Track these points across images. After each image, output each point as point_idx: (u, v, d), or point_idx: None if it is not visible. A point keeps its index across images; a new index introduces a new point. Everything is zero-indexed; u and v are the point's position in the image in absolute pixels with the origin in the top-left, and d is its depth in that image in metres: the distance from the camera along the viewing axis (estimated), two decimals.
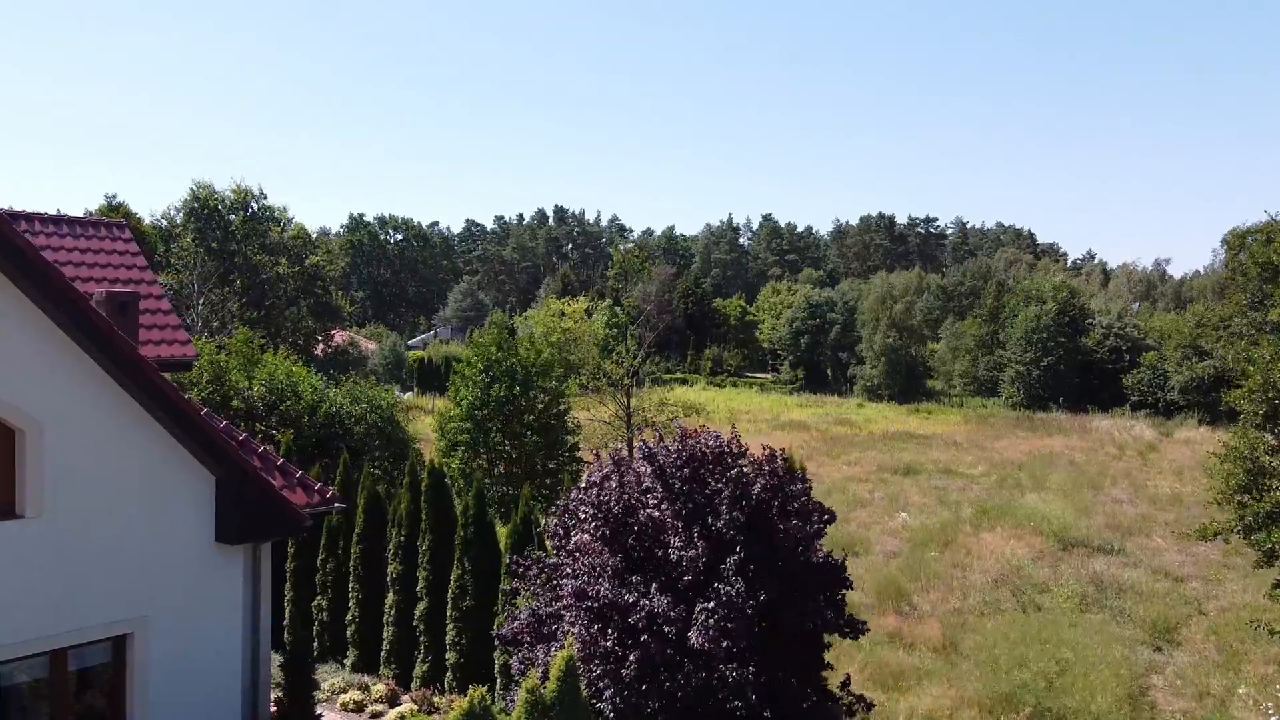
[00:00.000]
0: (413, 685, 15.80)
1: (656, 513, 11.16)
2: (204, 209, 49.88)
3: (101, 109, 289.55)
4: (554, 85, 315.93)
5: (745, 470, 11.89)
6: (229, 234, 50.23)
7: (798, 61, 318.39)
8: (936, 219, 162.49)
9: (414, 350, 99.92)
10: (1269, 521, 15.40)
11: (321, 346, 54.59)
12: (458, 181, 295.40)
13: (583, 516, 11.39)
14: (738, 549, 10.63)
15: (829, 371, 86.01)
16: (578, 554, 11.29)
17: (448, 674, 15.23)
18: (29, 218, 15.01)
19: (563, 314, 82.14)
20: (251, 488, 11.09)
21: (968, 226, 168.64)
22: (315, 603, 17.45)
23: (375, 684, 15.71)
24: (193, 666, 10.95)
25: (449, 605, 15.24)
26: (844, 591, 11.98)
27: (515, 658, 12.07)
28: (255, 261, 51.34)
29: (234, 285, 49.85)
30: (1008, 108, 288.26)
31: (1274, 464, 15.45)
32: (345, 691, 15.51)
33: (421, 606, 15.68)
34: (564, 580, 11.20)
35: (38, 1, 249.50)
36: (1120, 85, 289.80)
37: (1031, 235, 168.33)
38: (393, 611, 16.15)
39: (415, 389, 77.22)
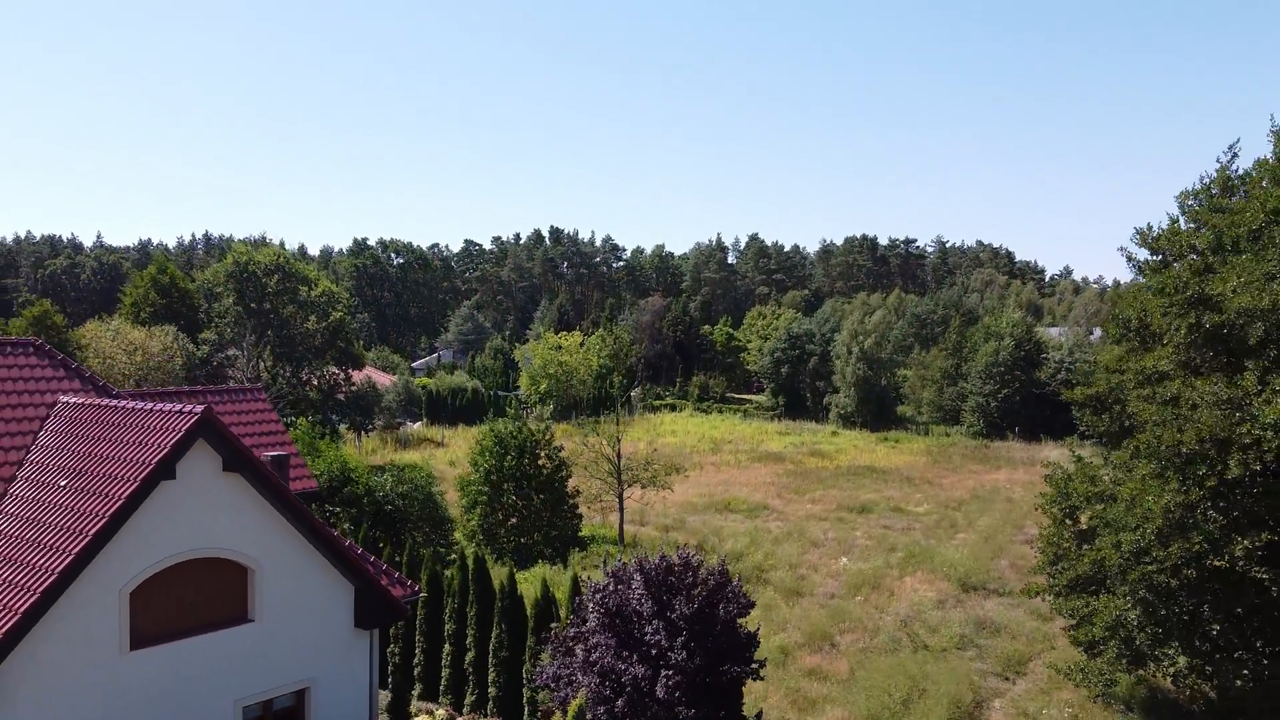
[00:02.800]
0: (464, 711, 22.18)
1: (640, 606, 17.51)
2: (244, 273, 56.09)
3: (116, 130, 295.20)
4: (551, 109, 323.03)
5: (700, 574, 18.25)
6: (264, 294, 56.47)
7: (786, 84, 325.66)
8: (916, 240, 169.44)
9: (419, 377, 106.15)
10: (1070, 590, 21.86)
11: (344, 390, 60.84)
12: (457, 203, 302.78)
13: (591, 608, 17.75)
14: (683, 632, 17.01)
15: (807, 398, 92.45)
16: (590, 634, 17.65)
17: (489, 704, 21.62)
18: (201, 392, 21.29)
19: (559, 347, 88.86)
20: (376, 593, 17.51)
21: (947, 246, 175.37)
22: (390, 649, 23.82)
23: (437, 709, 22.09)
24: (342, 706, 17.36)
25: (490, 655, 21.64)
26: (754, 651, 18.30)
27: (540, 694, 18.43)
28: (286, 314, 57.68)
29: (268, 340, 56.12)
30: (988, 129, 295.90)
31: (1072, 548, 21.89)
32: (417, 716, 21.89)
33: (470, 655, 22.08)
34: (578, 648, 17.55)
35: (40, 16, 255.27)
36: (1095, 104, 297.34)
37: (1009, 254, 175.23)
38: (449, 658, 22.54)
39: (424, 419, 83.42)
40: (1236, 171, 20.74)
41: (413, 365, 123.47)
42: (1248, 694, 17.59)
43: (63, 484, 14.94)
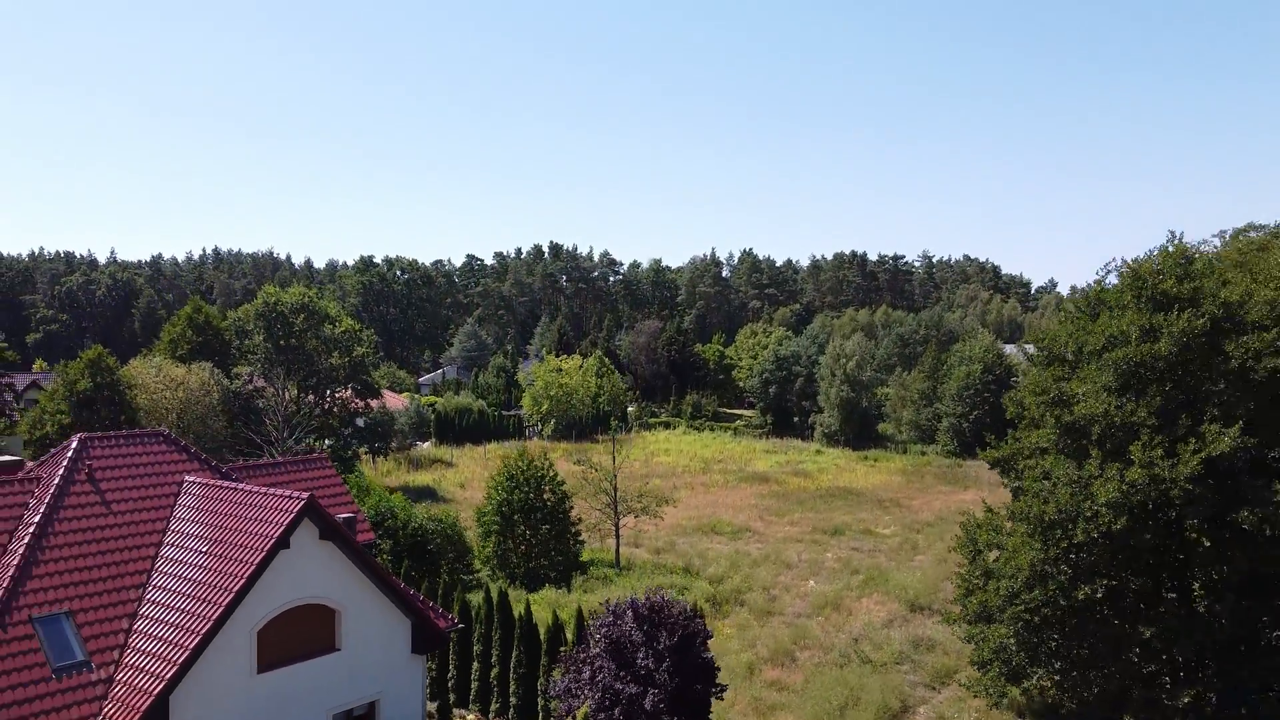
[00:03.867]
0: (490, 716, 27.46)
1: (633, 636, 22.74)
2: (272, 312, 61.29)
3: (128, 148, 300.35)
4: (552, 129, 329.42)
5: (675, 610, 23.48)
6: (292, 332, 61.67)
7: (781, 101, 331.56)
8: (904, 256, 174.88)
9: (425, 395, 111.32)
10: (976, 619, 27.09)
11: (363, 419, 66.06)
12: (460, 218, 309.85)
13: (596, 637, 22.99)
14: (666, 659, 22.26)
15: (794, 416, 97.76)
16: (594, 659, 22.90)
17: (511, 711, 26.91)
18: (281, 464, 26.49)
19: (560, 369, 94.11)
20: (427, 626, 22.80)
21: (934, 260, 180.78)
22: (427, 664, 29.08)
23: (469, 715, 27.37)
24: (402, 713, 22.64)
25: (511, 670, 26.91)
26: (717, 675, 23.56)
27: (552, 703, 23.65)
28: (311, 348, 62.89)
29: (296, 374, 61.35)
30: (975, 143, 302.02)
31: (979, 584, 27.12)
32: (451, 717, 27.16)
33: (495, 670, 27.36)
34: (585, 668, 22.78)
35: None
36: (1073, 116, 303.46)
37: (995, 269, 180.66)
38: (477, 673, 27.81)
39: (434, 439, 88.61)
40: (1111, 283, 26.09)
41: (419, 381, 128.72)
42: (1096, 702, 22.94)
43: (204, 551, 20.21)
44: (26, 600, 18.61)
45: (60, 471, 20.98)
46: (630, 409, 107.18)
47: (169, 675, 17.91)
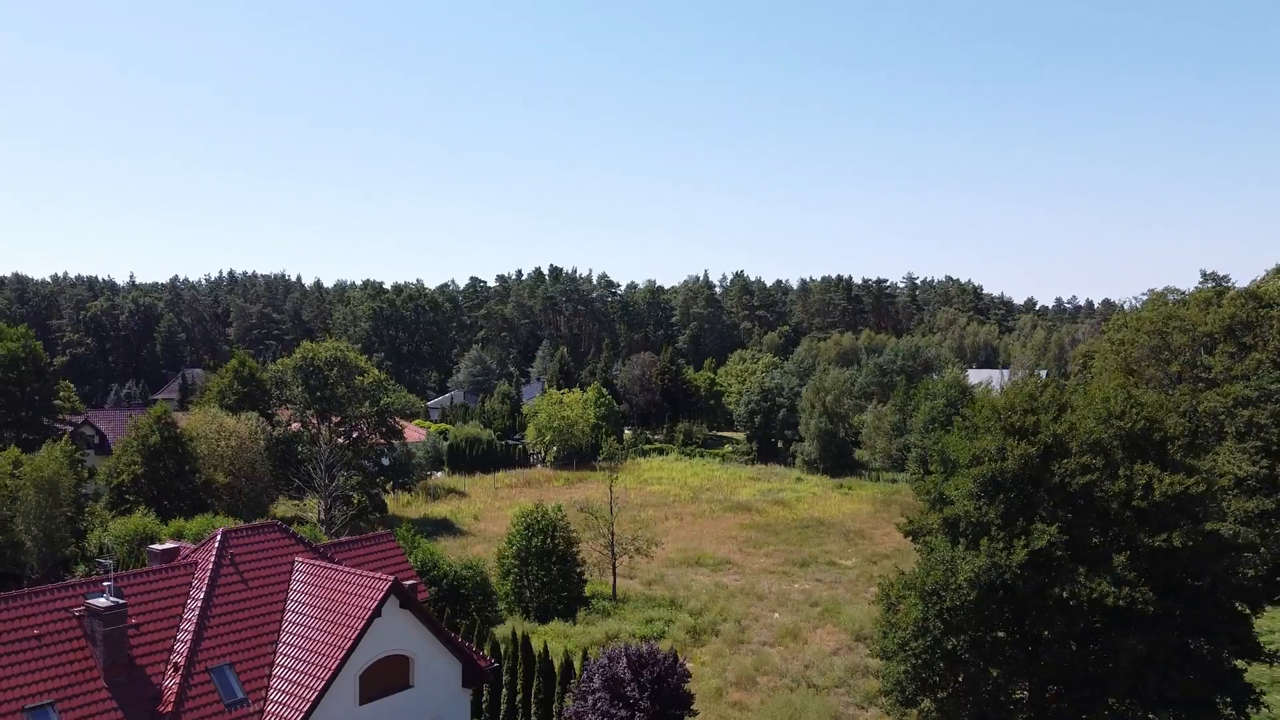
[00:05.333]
0: None
1: (624, 675, 30.84)
2: (309, 366, 69.36)
3: (147, 175, 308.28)
4: (555, 156, 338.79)
5: (658, 655, 31.60)
6: (326, 383, 69.76)
7: (773, 126, 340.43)
8: (887, 280, 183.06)
9: (435, 421, 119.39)
10: (889, 655, 35.17)
11: (387, 458, 74.15)
12: (465, 241, 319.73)
13: (598, 675, 31.10)
14: (649, 689, 30.36)
15: (778, 443, 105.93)
16: (596, 693, 31.01)
17: None
18: (356, 541, 34.53)
19: (561, 402, 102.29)
20: (474, 666, 30.95)
21: (918, 282, 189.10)
22: (472, 694, 37.17)
23: None
24: None
25: (532, 698, 35.04)
26: (691, 701, 31.68)
27: None
28: (341, 395, 70.97)
29: (329, 422, 69.47)
30: (954, 169, 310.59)
31: (886, 630, 35.18)
32: None
33: (519, 696, 35.50)
34: (589, 698, 30.87)
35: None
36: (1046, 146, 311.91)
37: (976, 290, 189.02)
38: (504, 699, 35.94)
39: (446, 468, 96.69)
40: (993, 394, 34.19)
41: (428, 405, 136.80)
42: None
43: (318, 618, 28.31)
44: (202, 656, 26.69)
45: (212, 558, 29.06)
46: (626, 434, 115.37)
47: (304, 709, 26.02)
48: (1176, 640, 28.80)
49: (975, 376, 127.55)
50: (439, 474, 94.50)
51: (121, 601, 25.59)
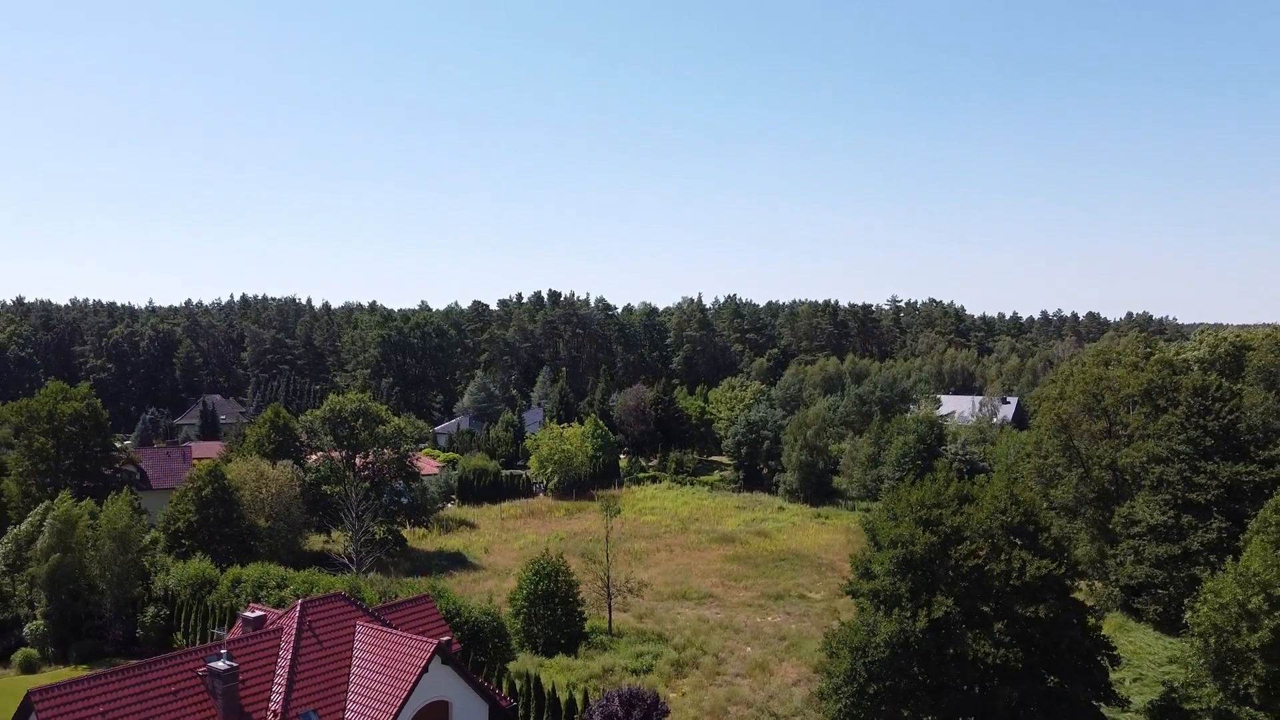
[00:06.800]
0: None
1: (618, 711, 39.06)
2: (336, 417, 77.56)
3: (163, 200, 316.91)
4: (553, 184, 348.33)
5: (646, 695, 39.84)
6: (352, 432, 77.96)
7: (766, 147, 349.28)
8: (872, 305, 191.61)
9: (443, 450, 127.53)
10: (824, 698, 43.42)
11: (407, 498, 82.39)
12: (467, 266, 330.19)
13: (597, 710, 39.32)
14: None
15: (763, 472, 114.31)
16: None
17: None
18: (400, 604, 42.67)
19: (561, 435, 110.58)
20: (498, 707, 39.20)
21: (902, 305, 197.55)
22: None
23: None
24: None
25: None
26: None
27: None
28: (362, 440, 79.18)
29: (355, 468, 77.70)
30: (938, 193, 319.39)
31: (830, 690, 43.45)
32: None
33: None
34: None
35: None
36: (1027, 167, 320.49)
37: (958, 312, 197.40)
38: None
39: (456, 499, 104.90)
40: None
41: (435, 430, 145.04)
42: None
43: (379, 673, 36.50)
44: (293, 705, 34.86)
45: (294, 625, 37.23)
46: (622, 461, 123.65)
47: None
48: (1045, 689, 37.12)
49: (949, 404, 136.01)
50: (450, 505, 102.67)
51: (235, 665, 33.77)
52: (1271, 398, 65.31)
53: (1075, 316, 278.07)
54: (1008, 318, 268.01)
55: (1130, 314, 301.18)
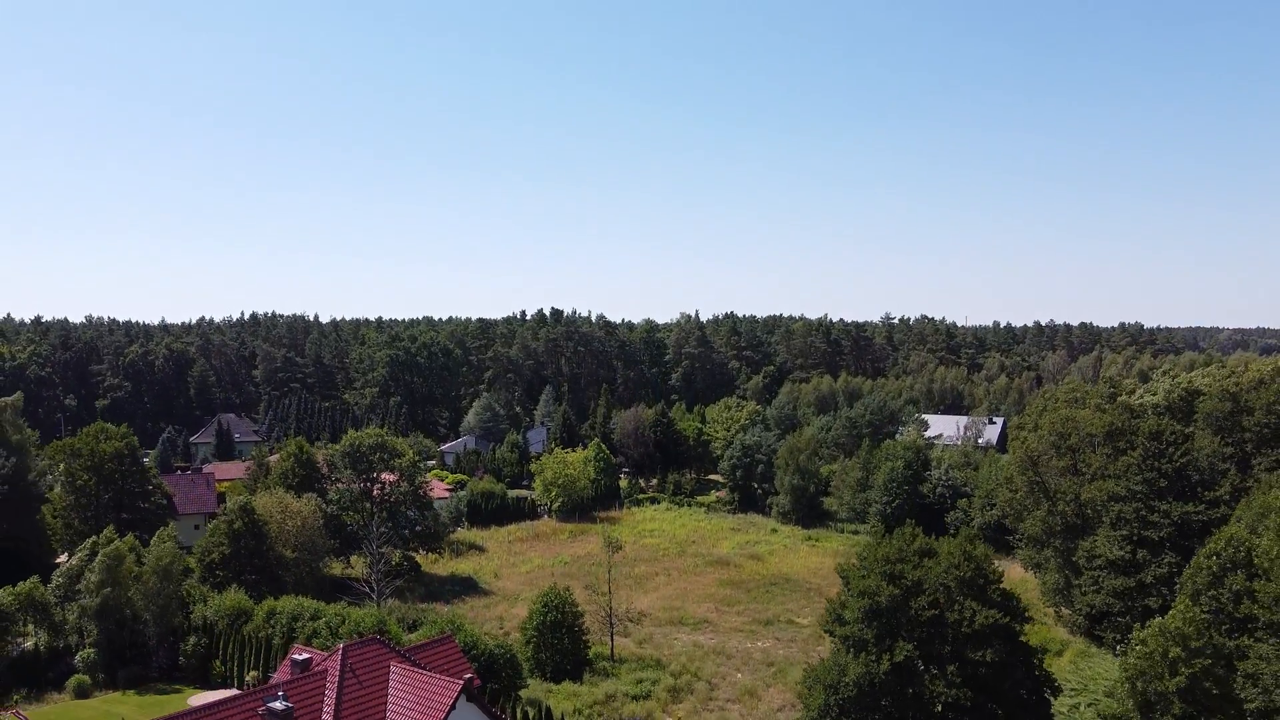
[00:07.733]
0: None
1: None
2: (356, 451, 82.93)
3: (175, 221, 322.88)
4: (561, 205, 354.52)
5: None
6: (370, 465, 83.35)
7: (761, 167, 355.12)
8: (864, 323, 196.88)
9: (450, 472, 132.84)
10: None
11: (420, 526, 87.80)
12: (472, 281, 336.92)
13: None
14: None
15: (758, 494, 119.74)
16: None
17: None
18: (427, 645, 48.01)
19: (564, 460, 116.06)
20: None
21: (894, 323, 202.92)
22: None
23: None
24: None
25: None
26: None
27: None
28: (378, 473, 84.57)
29: (374, 499, 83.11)
30: (929, 211, 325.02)
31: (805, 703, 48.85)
32: None
33: None
34: None
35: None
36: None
37: (949, 329, 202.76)
38: None
39: (465, 522, 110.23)
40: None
41: (442, 449, 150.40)
42: None
43: (413, 709, 41.89)
44: None
45: (338, 666, 42.62)
46: (623, 482, 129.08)
47: None
48: None
49: (937, 425, 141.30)
50: (459, 529, 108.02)
51: (290, 705, 39.14)
52: (1217, 442, 70.68)
53: (1068, 326, 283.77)
54: (1001, 326, 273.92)
55: (1123, 324, 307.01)
